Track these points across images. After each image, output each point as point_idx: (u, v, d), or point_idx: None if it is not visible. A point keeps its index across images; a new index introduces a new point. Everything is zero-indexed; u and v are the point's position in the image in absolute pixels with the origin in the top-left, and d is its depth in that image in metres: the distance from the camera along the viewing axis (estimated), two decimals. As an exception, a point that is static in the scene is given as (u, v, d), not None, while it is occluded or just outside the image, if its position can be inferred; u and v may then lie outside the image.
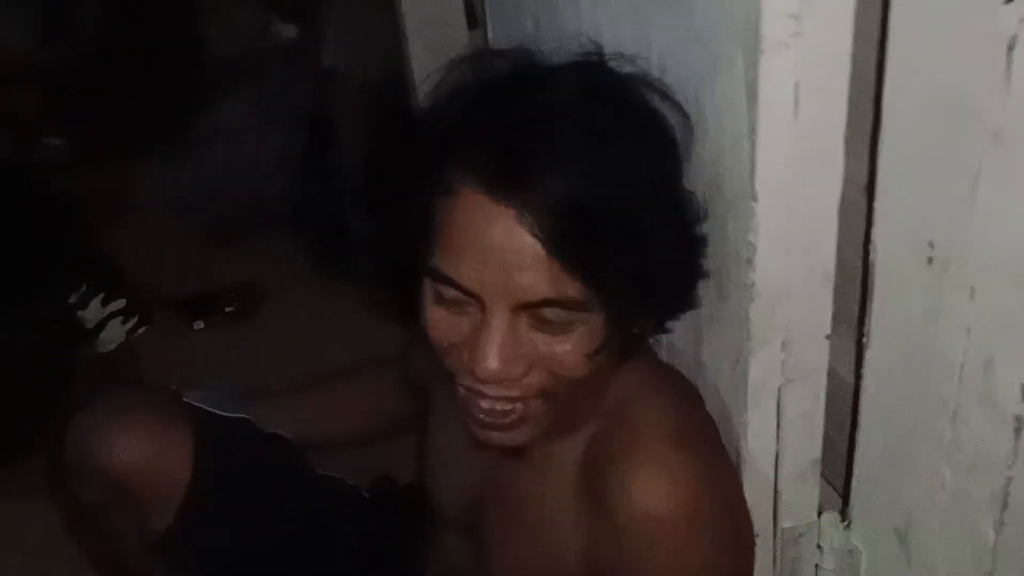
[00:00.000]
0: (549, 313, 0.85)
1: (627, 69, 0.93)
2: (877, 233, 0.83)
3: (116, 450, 1.14)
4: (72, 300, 2.08)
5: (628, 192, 0.83)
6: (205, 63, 3.21)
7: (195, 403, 1.24)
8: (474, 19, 2.31)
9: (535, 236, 0.81)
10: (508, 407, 0.91)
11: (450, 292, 0.87)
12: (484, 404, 0.91)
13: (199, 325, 2.51)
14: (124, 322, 2.14)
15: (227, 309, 2.53)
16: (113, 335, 2.14)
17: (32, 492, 1.94)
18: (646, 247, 0.84)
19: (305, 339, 2.44)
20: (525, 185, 0.81)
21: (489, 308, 0.85)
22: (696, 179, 0.94)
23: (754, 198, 0.84)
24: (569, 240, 0.81)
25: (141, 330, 2.17)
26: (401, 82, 2.40)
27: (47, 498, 1.85)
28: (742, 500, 0.98)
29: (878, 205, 0.82)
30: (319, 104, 2.57)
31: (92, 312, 2.10)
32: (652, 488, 0.89)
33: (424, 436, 1.21)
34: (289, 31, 3.11)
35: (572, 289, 0.83)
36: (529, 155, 0.82)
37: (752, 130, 0.81)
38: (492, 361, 0.85)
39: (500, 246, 0.82)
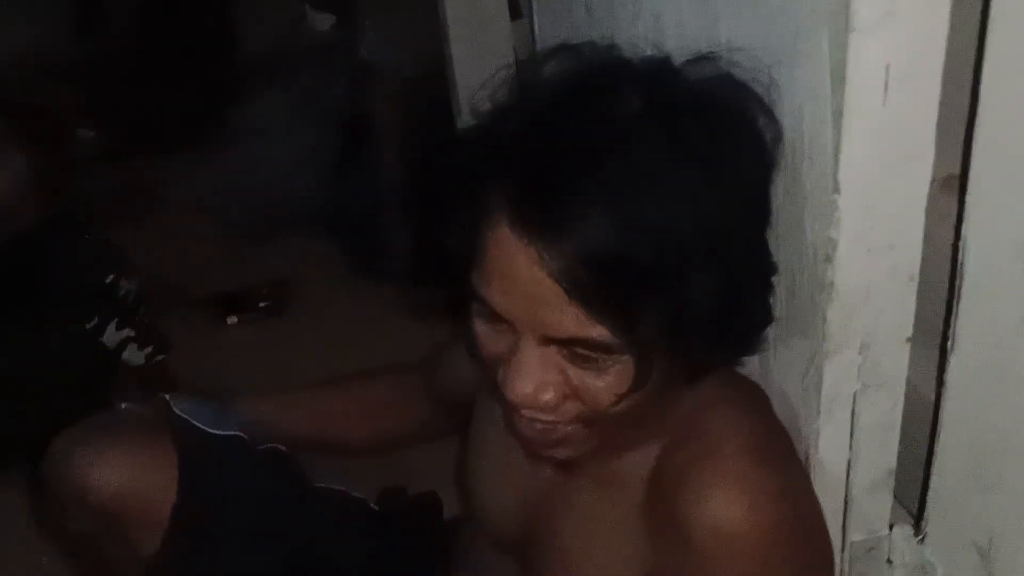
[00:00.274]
0: (578, 349, 0.81)
1: (708, 71, 0.84)
2: (968, 231, 0.77)
3: (94, 474, 1.08)
4: (89, 327, 2.04)
5: (676, 242, 0.75)
6: (240, 56, 3.18)
7: (185, 417, 1.16)
8: (517, 9, 2.26)
9: (556, 281, 0.76)
10: (548, 427, 0.87)
11: (487, 310, 0.83)
12: (523, 421, 0.88)
13: (232, 320, 2.49)
14: (140, 348, 2.09)
15: (261, 305, 2.51)
16: (133, 358, 2.09)
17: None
18: (693, 300, 0.77)
19: (338, 337, 2.41)
20: (552, 228, 0.75)
21: (519, 335, 0.82)
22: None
23: (836, 190, 0.79)
24: (594, 289, 0.76)
25: (159, 357, 2.11)
26: (441, 75, 2.35)
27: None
28: (821, 516, 0.93)
29: (970, 201, 0.76)
30: (356, 99, 2.53)
31: (110, 337, 2.06)
32: (730, 505, 0.84)
33: (467, 446, 1.16)
34: (324, 22, 3.07)
35: (597, 332, 0.78)
36: (561, 197, 0.75)
37: (837, 117, 0.76)
38: (519, 389, 0.82)
39: (525, 281, 0.78)
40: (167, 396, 1.19)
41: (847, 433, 0.93)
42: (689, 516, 0.85)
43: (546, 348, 0.81)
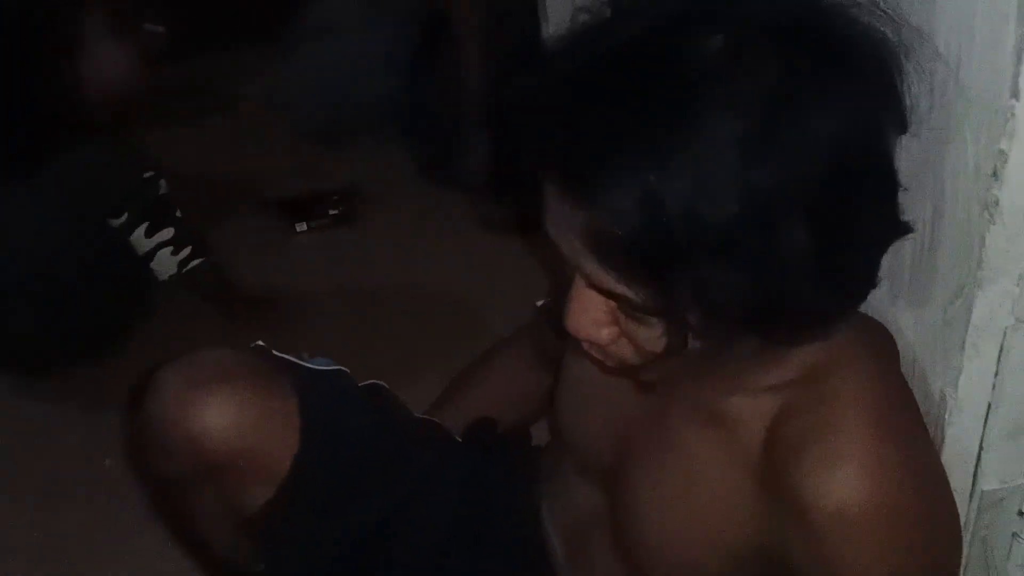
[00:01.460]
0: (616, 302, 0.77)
1: None
2: None
3: (214, 420, 0.98)
4: (115, 225, 1.91)
5: (711, 220, 0.66)
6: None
7: (291, 359, 1.09)
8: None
9: (584, 243, 0.72)
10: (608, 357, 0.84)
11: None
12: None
13: (302, 227, 2.41)
14: (174, 253, 1.96)
15: (332, 212, 2.42)
16: (165, 266, 1.96)
17: (98, 400, 1.92)
18: (726, 279, 0.69)
19: (409, 246, 2.35)
20: (583, 193, 0.70)
21: (575, 273, 0.78)
22: (920, 73, 0.77)
23: (1015, 95, 0.68)
24: (619, 257, 0.71)
25: (195, 262, 1.98)
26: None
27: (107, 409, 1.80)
28: (948, 491, 0.85)
29: None
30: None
31: (138, 241, 1.93)
32: (850, 486, 0.77)
33: (558, 373, 1.08)
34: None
35: (629, 293, 0.73)
36: (598, 163, 0.69)
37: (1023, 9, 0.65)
38: (570, 322, 0.80)
39: (565, 231, 0.74)
40: (261, 343, 1.11)
41: (992, 372, 0.83)
42: (806, 493, 0.78)
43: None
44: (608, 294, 0.75)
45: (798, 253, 0.68)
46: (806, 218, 0.67)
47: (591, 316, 0.79)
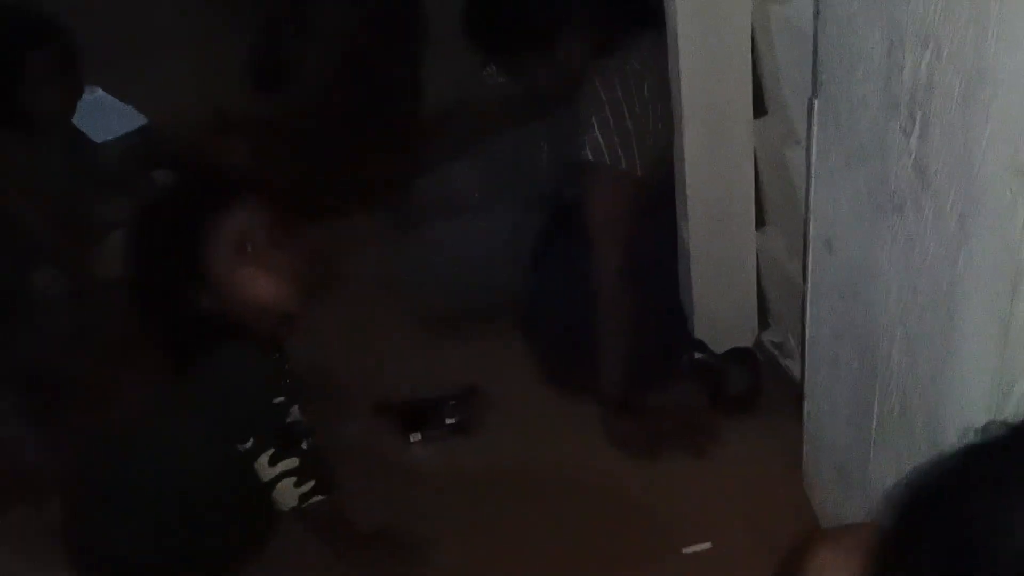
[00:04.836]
0: None
1: None
2: None
3: None
4: (241, 449, 1.80)
5: None
6: (429, 126, 2.97)
7: None
8: (762, 105, 1.96)
9: None
10: None
11: None
12: None
13: (416, 438, 2.24)
14: (297, 484, 1.81)
15: (448, 421, 2.24)
16: (286, 497, 1.81)
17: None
18: None
19: (534, 457, 2.17)
20: None
21: None
22: None
23: None
24: None
25: (316, 499, 1.82)
26: (668, 175, 2.06)
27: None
28: None
29: None
30: (569, 191, 2.25)
31: (261, 467, 1.80)
32: None
33: None
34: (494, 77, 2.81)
35: None
36: None
37: None
38: None
39: None
40: None
41: None
42: None
43: None
44: None
45: None
46: None
47: None
